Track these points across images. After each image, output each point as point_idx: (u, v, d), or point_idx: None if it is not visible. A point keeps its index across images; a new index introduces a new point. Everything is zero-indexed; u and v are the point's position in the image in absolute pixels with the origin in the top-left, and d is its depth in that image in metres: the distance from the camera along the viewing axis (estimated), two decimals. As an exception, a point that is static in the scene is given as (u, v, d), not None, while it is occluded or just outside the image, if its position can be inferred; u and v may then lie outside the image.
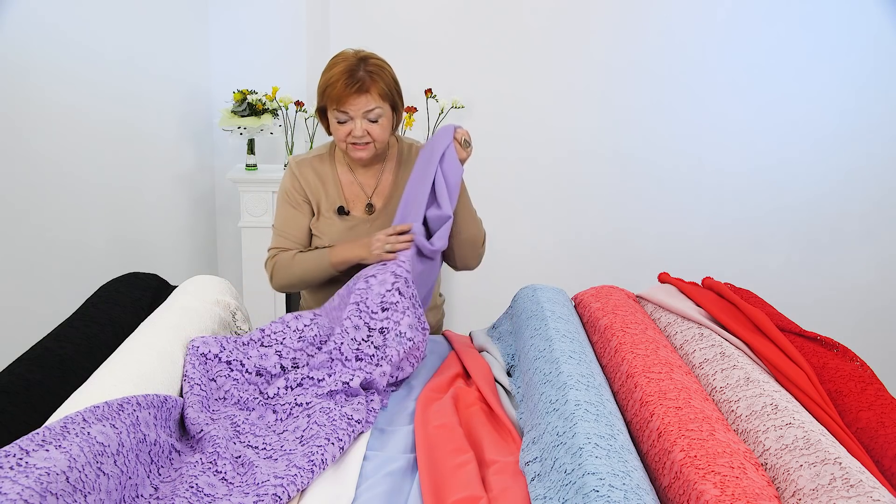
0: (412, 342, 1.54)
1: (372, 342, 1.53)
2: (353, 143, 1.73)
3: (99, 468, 0.99)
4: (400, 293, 1.56)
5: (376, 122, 1.70)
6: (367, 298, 1.55)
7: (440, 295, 2.05)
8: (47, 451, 0.96)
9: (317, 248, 1.83)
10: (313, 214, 1.85)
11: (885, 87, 3.16)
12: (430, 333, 1.86)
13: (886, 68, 3.14)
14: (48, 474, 0.91)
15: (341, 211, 1.83)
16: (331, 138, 1.81)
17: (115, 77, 2.54)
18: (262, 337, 1.54)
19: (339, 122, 1.70)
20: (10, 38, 2.02)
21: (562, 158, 3.34)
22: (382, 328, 1.54)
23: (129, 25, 2.63)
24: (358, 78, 1.65)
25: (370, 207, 1.85)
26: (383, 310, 1.54)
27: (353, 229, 1.83)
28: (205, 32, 3.13)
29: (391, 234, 1.68)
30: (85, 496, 0.94)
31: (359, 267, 1.73)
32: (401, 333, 1.54)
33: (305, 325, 1.57)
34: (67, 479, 0.93)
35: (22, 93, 2.09)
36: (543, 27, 3.20)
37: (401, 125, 2.02)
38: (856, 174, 3.25)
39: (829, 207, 3.30)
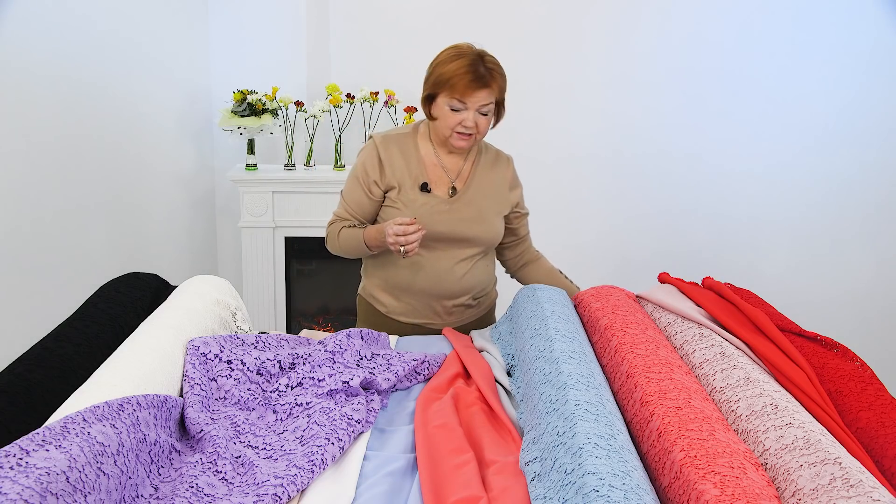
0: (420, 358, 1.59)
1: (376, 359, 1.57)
2: (460, 133, 1.80)
3: (99, 468, 0.99)
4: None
5: (485, 116, 1.80)
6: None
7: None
8: (47, 450, 0.95)
9: (353, 227, 1.91)
10: (383, 199, 1.91)
11: (886, 87, 3.16)
12: (484, 312, 2.03)
13: (886, 69, 3.14)
14: (48, 474, 0.91)
15: (424, 188, 1.88)
16: (411, 123, 1.92)
17: (115, 77, 2.54)
18: (265, 339, 1.54)
19: (452, 111, 1.78)
20: (10, 38, 2.02)
21: (562, 158, 3.34)
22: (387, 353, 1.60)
23: (129, 25, 2.63)
24: (481, 74, 1.74)
25: (454, 190, 1.90)
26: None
27: (432, 207, 1.88)
28: (205, 32, 3.13)
29: (400, 229, 1.72)
30: (85, 496, 0.94)
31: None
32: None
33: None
34: (67, 478, 0.93)
35: (22, 93, 2.08)
36: (543, 28, 3.20)
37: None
38: (856, 174, 3.25)
39: (830, 207, 3.30)
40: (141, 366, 1.32)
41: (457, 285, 1.92)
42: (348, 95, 3.05)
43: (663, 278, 1.99)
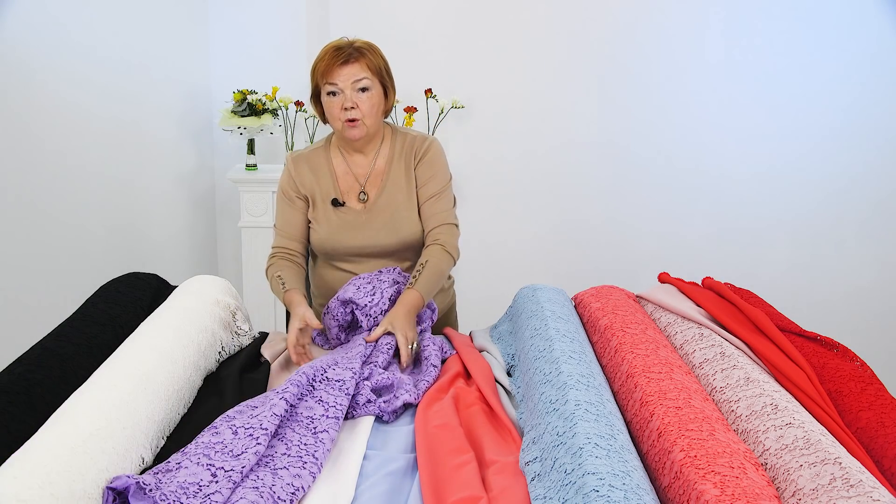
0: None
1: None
2: (348, 121, 1.75)
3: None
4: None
5: (365, 93, 1.73)
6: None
7: (448, 277, 2.03)
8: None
9: (281, 280, 1.80)
10: (308, 208, 1.87)
11: (886, 87, 3.16)
12: (439, 317, 1.93)
13: (887, 69, 3.14)
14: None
15: (335, 203, 1.85)
16: (329, 133, 1.84)
17: (115, 77, 2.54)
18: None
19: (330, 96, 1.74)
20: (10, 38, 2.02)
21: (562, 158, 3.34)
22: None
23: (129, 25, 2.63)
24: (345, 51, 1.72)
25: (364, 195, 1.85)
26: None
27: (347, 220, 1.84)
28: (205, 32, 3.13)
29: (293, 339, 1.65)
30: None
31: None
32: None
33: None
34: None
35: (22, 93, 2.09)
36: (543, 27, 3.20)
37: (393, 113, 2.00)
38: (856, 174, 3.24)
39: (830, 207, 3.30)
40: (141, 366, 1.32)
41: None
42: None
43: (663, 278, 1.99)
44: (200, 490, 1.08)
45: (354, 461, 1.24)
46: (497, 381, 1.57)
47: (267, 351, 1.70)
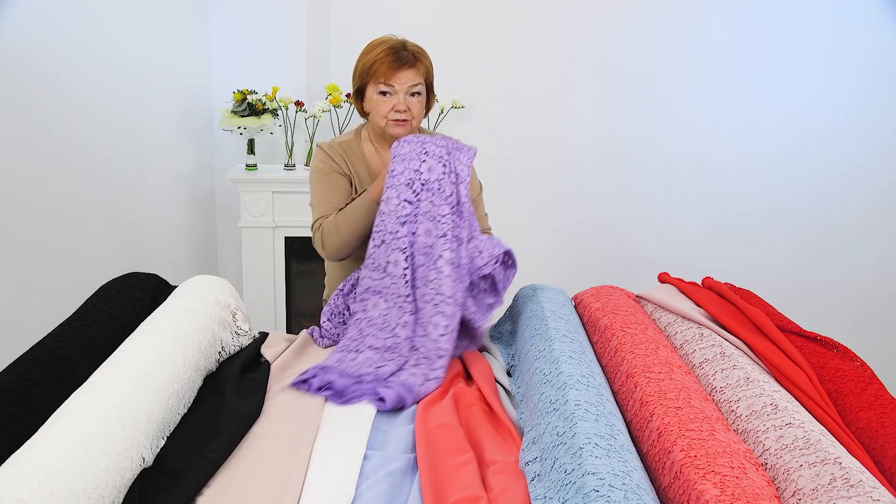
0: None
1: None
2: (395, 119, 1.79)
3: None
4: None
5: (416, 98, 1.80)
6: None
7: None
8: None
9: (341, 208, 1.81)
10: (350, 185, 1.88)
11: (885, 85, 3.16)
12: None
13: (886, 66, 3.14)
14: None
15: None
16: (354, 127, 1.87)
17: (115, 77, 2.54)
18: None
19: (382, 96, 1.78)
20: (10, 38, 2.02)
21: (562, 158, 3.34)
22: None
23: (129, 25, 2.63)
24: (403, 55, 1.76)
25: None
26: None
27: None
28: (205, 32, 3.13)
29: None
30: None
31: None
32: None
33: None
34: None
35: (22, 93, 2.09)
36: (543, 26, 3.20)
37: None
38: (856, 173, 3.25)
39: (830, 207, 3.30)
40: (141, 365, 1.32)
41: None
42: (348, 95, 3.05)
43: (663, 278, 1.99)
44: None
45: (354, 461, 1.24)
46: (497, 381, 1.57)
47: (267, 351, 1.70)
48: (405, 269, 1.63)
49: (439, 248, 1.59)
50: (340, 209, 1.81)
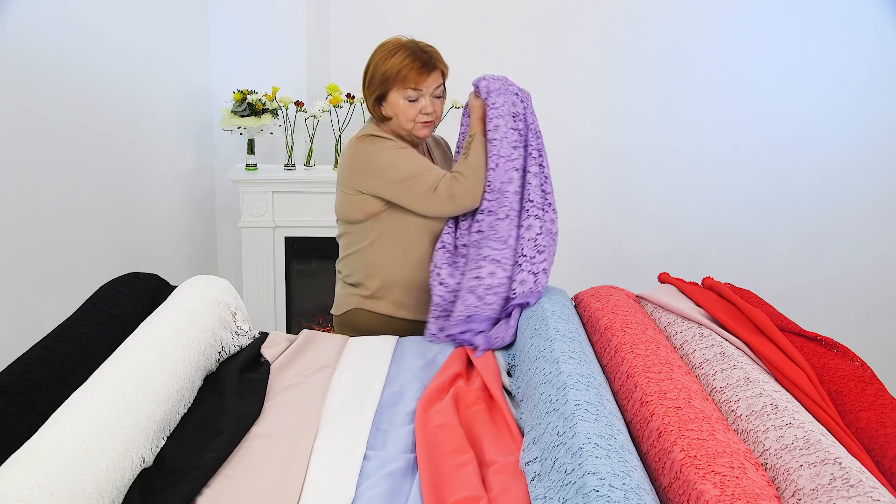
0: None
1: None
2: (423, 122, 1.82)
3: None
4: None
5: (439, 99, 1.84)
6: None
7: None
8: None
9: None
10: None
11: (885, 85, 3.16)
12: None
13: (886, 66, 3.14)
14: None
15: None
16: (366, 126, 1.89)
17: (115, 77, 2.54)
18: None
19: (409, 101, 1.80)
20: (10, 39, 2.02)
21: (561, 158, 3.32)
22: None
23: (129, 25, 2.63)
24: (426, 59, 1.80)
25: None
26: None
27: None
28: (205, 32, 3.13)
29: None
30: None
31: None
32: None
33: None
34: None
35: (22, 93, 2.09)
36: (542, 26, 3.20)
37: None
38: (856, 173, 3.25)
39: (830, 207, 3.30)
40: (141, 365, 1.32)
41: None
42: (348, 95, 3.05)
43: (663, 278, 1.99)
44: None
45: (354, 461, 1.24)
46: (497, 380, 1.57)
47: (267, 351, 1.70)
48: (518, 186, 1.79)
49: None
50: (456, 160, 1.85)
